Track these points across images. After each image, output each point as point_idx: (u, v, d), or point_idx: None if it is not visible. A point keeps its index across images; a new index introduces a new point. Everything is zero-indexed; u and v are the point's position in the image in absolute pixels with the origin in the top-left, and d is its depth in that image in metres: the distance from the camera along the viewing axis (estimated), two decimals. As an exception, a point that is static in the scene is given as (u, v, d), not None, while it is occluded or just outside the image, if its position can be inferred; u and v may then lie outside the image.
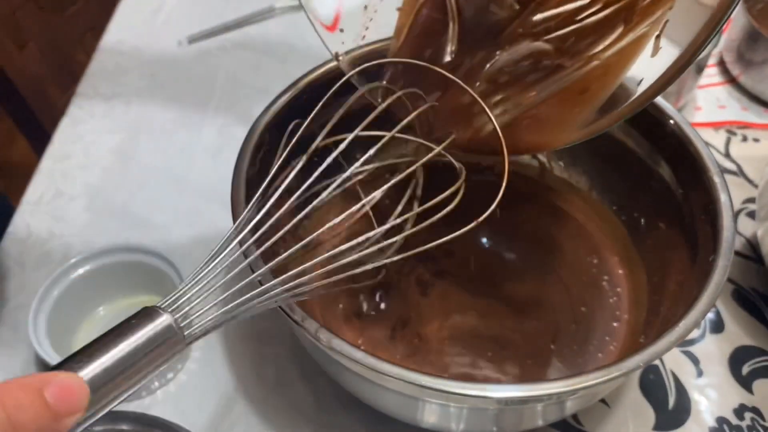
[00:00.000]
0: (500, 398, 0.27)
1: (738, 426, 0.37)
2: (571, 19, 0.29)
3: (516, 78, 0.32)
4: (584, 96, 0.31)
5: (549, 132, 0.33)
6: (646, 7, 0.28)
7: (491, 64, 0.32)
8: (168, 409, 0.37)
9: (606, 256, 0.41)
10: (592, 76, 0.30)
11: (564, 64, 0.30)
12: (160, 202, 0.48)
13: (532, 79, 0.31)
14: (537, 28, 0.30)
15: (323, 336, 0.28)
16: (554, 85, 0.31)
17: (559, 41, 0.30)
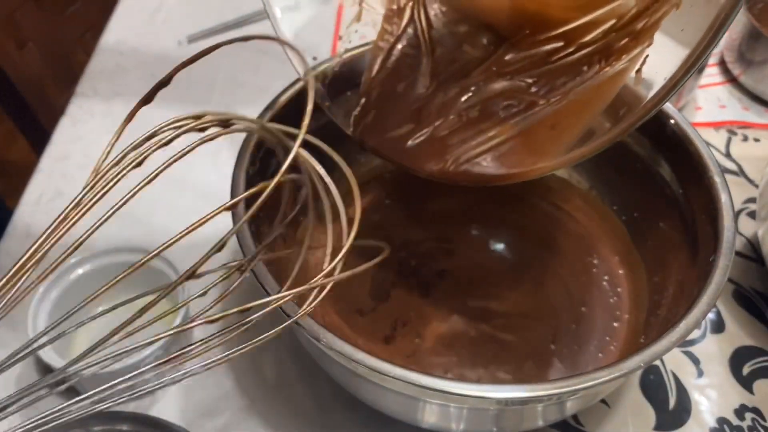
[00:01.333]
0: (500, 399, 0.27)
1: (739, 426, 0.37)
2: (546, 59, 0.30)
3: (489, 114, 0.32)
4: (556, 131, 0.31)
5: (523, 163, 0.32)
6: (623, 45, 0.28)
7: (464, 99, 0.32)
8: (167, 409, 0.37)
9: (606, 256, 0.41)
10: (567, 111, 0.30)
11: (537, 101, 0.30)
12: (160, 202, 0.48)
13: (505, 115, 0.31)
14: (510, 67, 0.30)
15: (323, 336, 0.28)
16: (527, 120, 0.31)
17: (533, 79, 0.30)
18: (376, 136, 0.34)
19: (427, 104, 0.33)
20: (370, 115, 0.35)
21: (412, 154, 0.34)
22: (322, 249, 0.42)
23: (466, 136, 0.32)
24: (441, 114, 0.32)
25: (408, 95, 0.33)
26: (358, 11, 0.35)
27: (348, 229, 0.27)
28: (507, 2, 0.30)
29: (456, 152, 0.32)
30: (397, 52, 0.34)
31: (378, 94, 0.35)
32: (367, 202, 0.44)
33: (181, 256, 0.44)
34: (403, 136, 0.33)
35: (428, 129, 0.33)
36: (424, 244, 0.42)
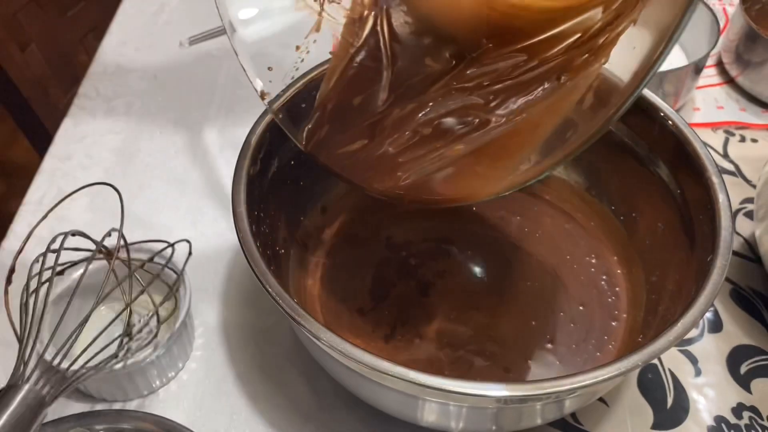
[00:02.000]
0: (499, 397, 0.27)
1: (736, 425, 0.37)
2: (505, 76, 0.29)
3: (443, 131, 0.31)
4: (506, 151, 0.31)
5: (472, 183, 0.32)
6: (582, 62, 0.28)
7: (421, 115, 0.31)
8: (169, 407, 0.38)
9: (604, 256, 0.41)
10: (518, 131, 0.30)
11: (491, 119, 0.30)
12: (161, 202, 0.49)
13: (458, 134, 0.31)
14: (470, 83, 0.30)
15: (323, 335, 0.28)
16: (479, 139, 0.30)
17: (490, 96, 0.30)
18: (328, 152, 0.33)
19: (383, 119, 0.32)
20: (323, 129, 0.34)
21: (362, 172, 0.33)
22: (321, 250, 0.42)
23: (417, 155, 0.31)
24: (395, 130, 0.32)
25: (364, 109, 0.32)
26: (318, 21, 0.34)
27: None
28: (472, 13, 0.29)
29: (406, 171, 0.32)
30: (357, 64, 0.33)
31: (333, 107, 0.34)
32: (368, 203, 0.44)
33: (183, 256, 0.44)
34: (355, 153, 0.33)
35: (381, 146, 0.32)
36: (424, 244, 0.42)
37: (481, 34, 0.29)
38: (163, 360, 0.37)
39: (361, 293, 0.40)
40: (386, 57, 0.32)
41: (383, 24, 0.31)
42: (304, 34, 0.35)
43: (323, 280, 0.40)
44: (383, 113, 0.32)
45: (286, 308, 0.29)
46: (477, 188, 0.31)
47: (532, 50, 0.28)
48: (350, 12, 0.33)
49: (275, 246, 0.37)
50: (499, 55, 0.29)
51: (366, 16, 0.32)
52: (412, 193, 0.32)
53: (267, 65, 0.35)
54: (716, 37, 0.51)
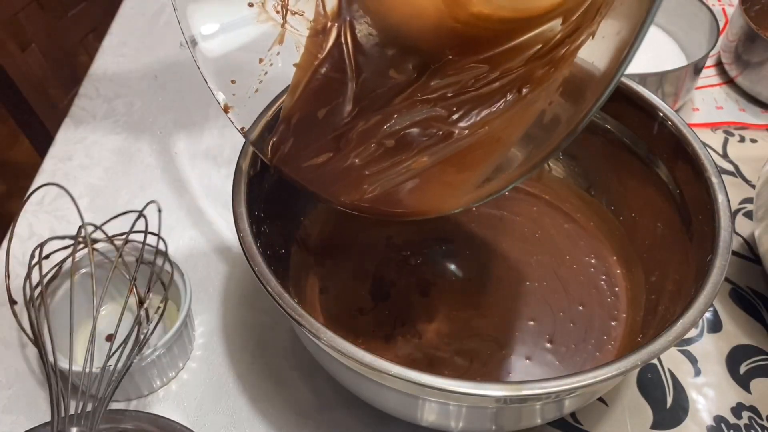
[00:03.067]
0: (499, 397, 0.27)
1: (736, 425, 0.37)
2: (468, 87, 0.29)
3: (407, 144, 0.31)
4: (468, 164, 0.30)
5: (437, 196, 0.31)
6: (543, 74, 0.28)
7: (386, 128, 0.31)
8: (170, 407, 0.38)
9: (604, 256, 0.41)
10: (480, 144, 0.30)
11: (454, 131, 0.30)
12: (161, 202, 0.49)
13: (422, 146, 0.31)
14: (433, 94, 0.30)
15: (323, 334, 0.28)
16: (444, 150, 0.30)
17: (453, 107, 0.30)
18: (294, 165, 0.33)
19: (348, 132, 0.32)
20: (288, 142, 0.34)
21: (328, 185, 0.33)
22: (321, 250, 0.42)
23: (382, 167, 0.31)
24: (360, 142, 0.31)
25: (329, 121, 0.32)
26: (281, 33, 0.34)
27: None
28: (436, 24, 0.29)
29: (372, 184, 0.32)
30: (321, 76, 0.33)
31: (298, 120, 0.34)
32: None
33: (183, 256, 0.45)
34: (321, 166, 0.33)
35: (346, 158, 0.32)
36: (424, 244, 0.42)
37: (445, 45, 0.29)
38: (164, 360, 0.37)
39: (361, 293, 0.40)
40: (350, 68, 0.31)
41: (347, 35, 0.31)
42: (267, 46, 0.34)
43: (323, 280, 0.40)
44: (348, 125, 0.32)
45: (286, 308, 0.29)
46: (443, 201, 0.31)
47: (494, 61, 0.28)
48: (313, 24, 0.33)
49: (275, 246, 0.37)
50: (461, 66, 0.28)
51: (329, 28, 0.32)
52: (379, 206, 0.31)
53: (230, 78, 0.34)
54: (716, 38, 0.51)
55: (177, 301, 0.39)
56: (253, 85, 0.35)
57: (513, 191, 0.45)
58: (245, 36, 0.35)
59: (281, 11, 0.33)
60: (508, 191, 0.30)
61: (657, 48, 0.57)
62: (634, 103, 0.38)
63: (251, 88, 0.35)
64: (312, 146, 0.32)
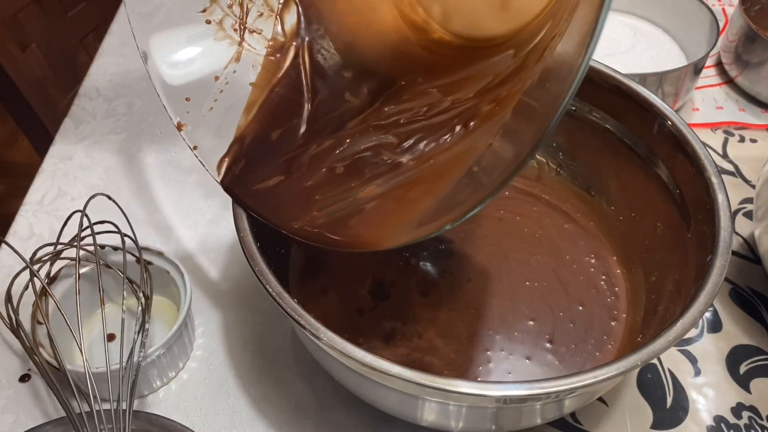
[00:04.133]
0: (499, 397, 0.27)
1: (736, 425, 0.37)
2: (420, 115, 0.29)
3: (357, 171, 0.31)
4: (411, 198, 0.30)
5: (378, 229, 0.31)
6: (487, 111, 0.28)
7: (337, 153, 0.31)
8: (169, 407, 0.38)
9: (604, 256, 0.41)
10: (426, 176, 0.29)
11: (402, 161, 0.30)
12: (161, 202, 0.49)
13: (371, 175, 0.30)
14: (386, 120, 0.30)
15: (323, 335, 0.28)
16: (389, 182, 0.30)
17: (403, 135, 0.29)
18: (245, 188, 0.33)
19: (300, 155, 0.31)
20: (240, 163, 0.33)
21: (278, 209, 0.32)
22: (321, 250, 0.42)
23: (331, 194, 0.31)
24: (311, 167, 0.31)
25: (282, 143, 0.32)
26: (238, 51, 0.34)
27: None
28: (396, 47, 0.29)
29: (320, 210, 0.31)
30: (277, 96, 0.32)
31: (251, 141, 0.33)
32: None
33: (184, 256, 0.45)
34: (271, 189, 0.32)
35: (297, 182, 0.31)
36: (424, 244, 0.42)
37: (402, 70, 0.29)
38: (164, 360, 0.37)
39: (361, 293, 0.40)
40: (306, 90, 0.31)
41: (305, 56, 0.31)
42: (223, 64, 0.34)
43: (323, 280, 0.40)
44: (301, 148, 0.32)
45: (286, 308, 0.29)
46: (383, 235, 0.30)
47: (447, 90, 0.28)
48: (271, 43, 0.32)
49: (275, 246, 0.37)
50: (415, 93, 0.28)
51: (287, 48, 0.32)
52: (325, 235, 0.31)
53: (185, 96, 0.34)
54: (715, 38, 0.51)
55: (177, 301, 0.39)
56: (207, 104, 0.35)
57: (513, 191, 0.45)
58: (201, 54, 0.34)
59: (239, 29, 0.33)
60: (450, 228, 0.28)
61: (657, 48, 0.57)
62: (634, 103, 0.38)
63: (206, 106, 0.34)
64: (263, 169, 0.32)
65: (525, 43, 0.27)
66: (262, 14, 0.33)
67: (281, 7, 0.31)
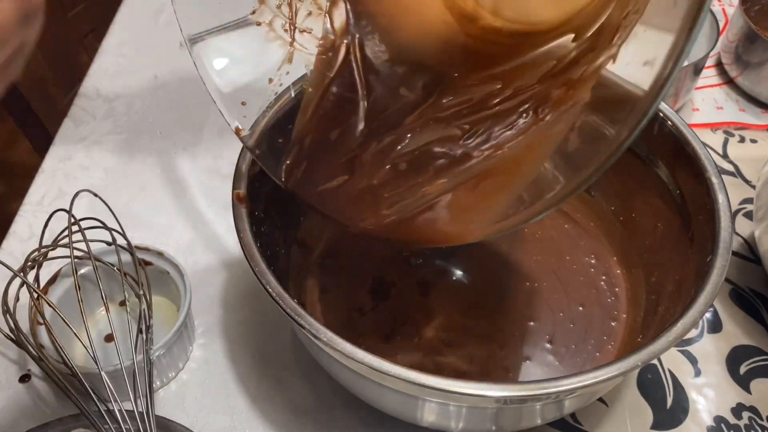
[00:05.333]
0: (499, 397, 0.27)
1: (736, 425, 0.37)
2: (481, 105, 0.28)
3: (423, 166, 0.30)
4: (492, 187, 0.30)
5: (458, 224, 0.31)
6: (560, 95, 0.27)
7: (399, 148, 0.30)
8: (169, 407, 0.38)
9: (604, 256, 0.41)
10: (501, 166, 0.29)
11: (471, 152, 0.29)
12: (161, 202, 0.49)
13: (439, 168, 0.30)
14: (446, 112, 0.29)
15: (323, 335, 0.28)
16: (462, 173, 0.29)
17: (468, 126, 0.29)
18: (309, 190, 0.32)
19: (361, 153, 0.31)
20: (302, 165, 0.33)
21: (345, 209, 0.32)
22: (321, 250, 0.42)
23: (399, 190, 0.30)
24: (375, 165, 0.31)
25: (342, 143, 0.31)
26: (290, 52, 0.33)
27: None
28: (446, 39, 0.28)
29: (389, 208, 0.31)
30: (332, 96, 0.32)
31: (311, 142, 0.33)
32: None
33: (183, 257, 0.45)
34: (336, 189, 0.32)
35: (362, 181, 0.31)
36: (423, 245, 0.42)
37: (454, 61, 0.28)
38: (164, 360, 0.37)
39: (361, 293, 0.40)
40: (361, 87, 0.31)
41: (356, 53, 0.30)
42: (276, 66, 0.34)
43: (323, 280, 0.40)
44: (361, 147, 0.31)
45: (286, 308, 0.29)
46: (465, 229, 0.30)
47: (505, 78, 0.27)
48: (322, 42, 0.32)
49: (275, 246, 0.37)
50: (472, 83, 0.28)
51: (338, 46, 0.31)
52: (399, 232, 0.31)
53: (240, 100, 0.34)
54: (716, 38, 0.51)
55: (177, 301, 0.39)
56: (263, 106, 0.35)
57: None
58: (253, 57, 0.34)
59: (289, 30, 0.33)
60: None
61: (657, 48, 0.57)
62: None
63: (261, 109, 0.35)
64: (326, 169, 0.32)
65: (586, 26, 0.26)
66: (311, 13, 0.32)
67: (329, 4, 0.30)
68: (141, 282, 0.37)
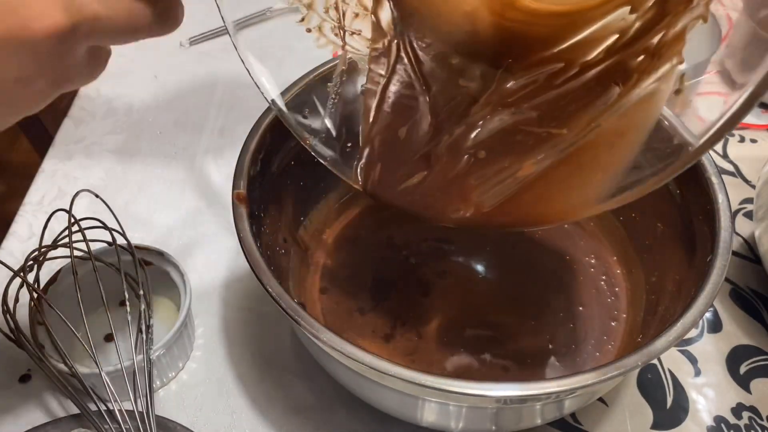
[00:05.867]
0: (499, 397, 0.27)
1: (736, 425, 0.37)
2: (548, 85, 0.27)
3: (505, 150, 0.30)
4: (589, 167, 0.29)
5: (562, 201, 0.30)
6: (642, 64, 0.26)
7: (473, 137, 0.30)
8: (169, 407, 0.38)
9: (604, 256, 0.41)
10: (598, 144, 0.28)
11: (554, 132, 0.28)
12: (161, 202, 0.49)
13: (524, 148, 0.29)
14: (513, 97, 0.28)
15: (323, 335, 0.28)
16: (552, 153, 0.29)
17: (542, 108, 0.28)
18: (390, 191, 0.32)
19: (435, 147, 0.31)
20: (376, 167, 0.33)
21: (432, 205, 0.32)
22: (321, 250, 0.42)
23: (487, 177, 0.30)
24: (452, 157, 0.30)
25: (412, 140, 0.31)
26: (342, 56, 0.33)
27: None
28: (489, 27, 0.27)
29: (481, 195, 0.30)
30: (392, 95, 0.31)
31: (380, 143, 0.33)
32: (369, 203, 0.44)
33: (183, 257, 0.45)
34: (418, 186, 0.31)
35: (442, 174, 0.31)
36: (424, 244, 0.42)
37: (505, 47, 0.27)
38: (163, 360, 0.37)
39: (361, 293, 0.40)
40: (418, 83, 0.30)
41: (407, 49, 0.30)
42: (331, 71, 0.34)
43: (323, 280, 0.40)
44: (432, 141, 0.31)
45: (286, 308, 0.29)
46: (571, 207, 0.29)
47: (564, 57, 0.27)
48: (372, 42, 0.31)
49: (275, 246, 0.37)
50: (531, 65, 0.27)
51: (389, 44, 0.31)
52: (498, 218, 0.30)
53: (302, 112, 0.35)
54: (717, 43, 0.51)
55: (177, 302, 0.39)
56: (326, 113, 0.35)
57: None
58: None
59: (339, 33, 0.33)
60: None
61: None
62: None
63: (325, 116, 0.35)
64: (403, 168, 0.31)
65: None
66: (357, 15, 0.32)
67: (374, 4, 0.30)
68: (141, 282, 0.37)
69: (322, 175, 0.42)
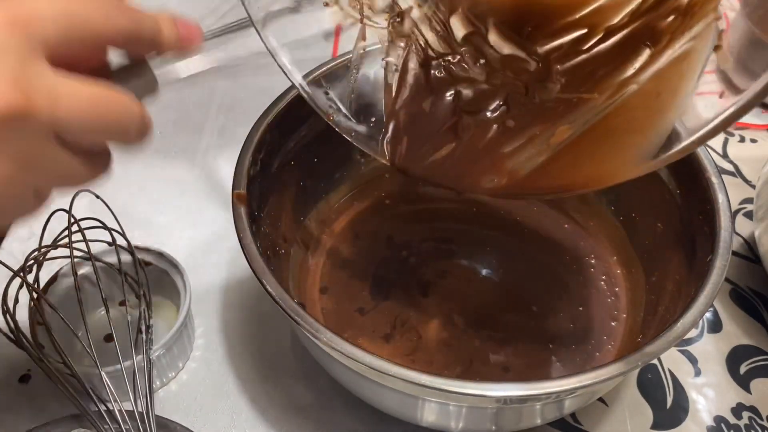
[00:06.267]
0: (499, 397, 0.27)
1: (736, 425, 0.37)
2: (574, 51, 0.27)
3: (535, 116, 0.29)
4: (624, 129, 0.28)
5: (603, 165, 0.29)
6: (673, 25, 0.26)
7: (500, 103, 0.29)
8: (169, 407, 0.38)
9: (604, 256, 0.41)
10: (636, 103, 0.27)
11: (585, 96, 0.28)
12: (161, 202, 0.49)
13: (554, 114, 0.28)
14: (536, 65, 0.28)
15: (323, 335, 0.28)
16: (586, 117, 0.28)
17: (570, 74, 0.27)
18: (419, 164, 0.32)
19: (461, 118, 0.30)
20: (403, 140, 0.32)
21: (461, 175, 0.31)
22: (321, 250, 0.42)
23: (519, 144, 0.29)
24: (480, 126, 0.29)
25: (437, 111, 0.31)
26: (361, 29, 0.33)
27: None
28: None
29: (513, 163, 0.30)
30: (413, 66, 0.31)
31: (405, 116, 0.32)
32: (368, 203, 0.44)
33: (183, 257, 0.45)
34: (446, 158, 0.31)
35: (471, 145, 0.30)
36: (424, 244, 0.42)
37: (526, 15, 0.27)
38: (164, 360, 0.37)
39: (361, 293, 0.40)
40: (438, 53, 0.30)
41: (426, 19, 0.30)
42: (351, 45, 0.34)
43: (323, 280, 0.40)
44: (458, 112, 0.30)
45: (286, 308, 0.29)
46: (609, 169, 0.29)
47: (586, 22, 0.26)
48: (389, 12, 0.31)
49: (275, 246, 0.37)
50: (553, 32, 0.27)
51: (407, 15, 0.30)
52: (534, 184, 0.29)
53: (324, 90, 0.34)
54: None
55: (177, 302, 0.39)
56: (348, 89, 0.35)
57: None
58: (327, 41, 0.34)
59: (357, 4, 0.32)
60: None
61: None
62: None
63: (347, 92, 0.35)
64: (431, 140, 0.31)
65: None
66: None
67: None
68: (141, 282, 0.37)
69: (322, 175, 0.42)
